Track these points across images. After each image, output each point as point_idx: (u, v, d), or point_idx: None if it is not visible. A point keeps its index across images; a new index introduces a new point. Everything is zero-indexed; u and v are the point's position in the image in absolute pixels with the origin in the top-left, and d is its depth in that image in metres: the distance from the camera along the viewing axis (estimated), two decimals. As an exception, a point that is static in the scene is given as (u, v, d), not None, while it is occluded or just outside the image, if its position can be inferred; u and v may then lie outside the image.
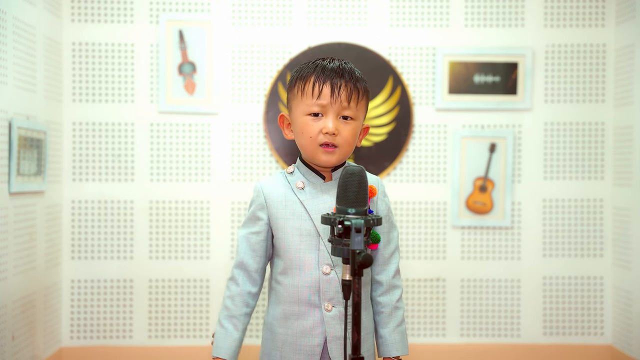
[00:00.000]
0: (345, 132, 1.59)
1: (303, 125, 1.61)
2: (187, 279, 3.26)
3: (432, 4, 3.31)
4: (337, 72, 1.59)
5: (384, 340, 1.66)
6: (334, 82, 1.58)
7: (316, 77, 1.59)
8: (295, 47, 3.29)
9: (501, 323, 3.33)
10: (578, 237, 3.34)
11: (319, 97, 1.58)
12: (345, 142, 1.60)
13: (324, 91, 1.58)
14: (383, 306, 1.66)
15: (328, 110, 1.58)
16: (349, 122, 1.60)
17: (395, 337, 1.65)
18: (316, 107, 1.58)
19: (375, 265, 1.68)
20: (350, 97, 1.58)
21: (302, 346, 1.60)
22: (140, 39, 3.25)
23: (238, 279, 1.66)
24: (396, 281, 1.68)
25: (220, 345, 1.63)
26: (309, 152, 1.62)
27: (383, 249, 1.67)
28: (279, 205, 1.64)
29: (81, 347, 3.22)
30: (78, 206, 3.24)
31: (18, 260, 2.76)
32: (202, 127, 3.27)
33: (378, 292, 1.68)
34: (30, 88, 2.86)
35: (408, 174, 3.32)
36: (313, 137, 1.59)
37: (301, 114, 1.61)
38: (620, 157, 3.26)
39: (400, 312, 1.68)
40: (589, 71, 3.33)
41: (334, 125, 1.57)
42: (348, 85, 1.58)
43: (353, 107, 1.60)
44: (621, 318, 3.24)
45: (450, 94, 3.30)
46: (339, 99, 1.57)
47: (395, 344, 1.65)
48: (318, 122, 1.59)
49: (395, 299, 1.67)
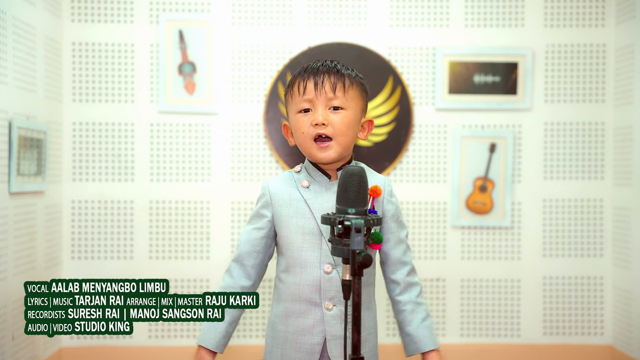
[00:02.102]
0: (337, 121, 1.59)
1: (295, 123, 1.63)
2: (187, 279, 3.26)
3: (432, 4, 3.31)
4: (319, 68, 1.63)
5: (411, 337, 1.64)
6: (317, 76, 1.61)
7: (300, 77, 1.63)
8: (295, 47, 3.29)
9: (501, 323, 3.34)
10: (578, 237, 3.34)
11: (305, 93, 1.61)
12: (339, 132, 1.60)
13: (308, 86, 1.61)
14: (403, 304, 1.66)
15: (315, 103, 1.60)
16: (340, 112, 1.61)
17: (422, 332, 1.64)
18: (304, 102, 1.61)
19: (388, 265, 1.69)
20: (335, 87, 1.60)
21: (302, 344, 1.61)
22: (140, 39, 3.25)
23: (233, 271, 1.68)
24: (412, 279, 1.69)
25: (206, 335, 1.64)
26: (306, 150, 1.63)
27: (395, 249, 1.68)
28: (284, 203, 1.64)
29: (81, 347, 3.22)
30: (78, 206, 3.24)
31: (18, 260, 2.75)
32: (202, 127, 3.27)
33: (396, 291, 1.68)
34: (30, 88, 2.86)
35: (408, 174, 3.32)
36: (305, 131, 1.61)
37: (293, 113, 1.64)
38: (620, 157, 3.26)
39: (423, 307, 1.67)
40: (589, 71, 3.33)
41: (323, 115, 1.59)
42: (331, 76, 1.61)
43: (340, 96, 1.61)
44: (621, 318, 3.24)
45: (450, 94, 3.30)
46: (323, 90, 1.60)
47: (424, 338, 1.63)
48: (308, 116, 1.61)
49: (415, 294, 1.67)
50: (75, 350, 3.22)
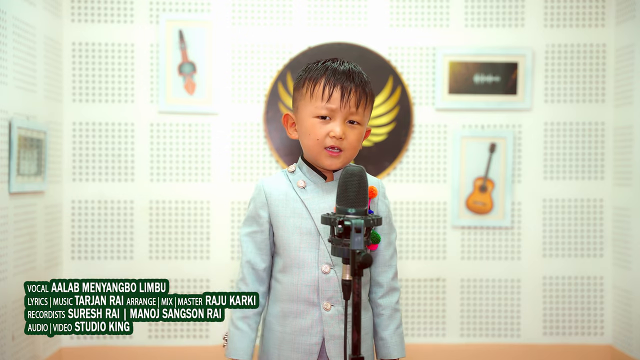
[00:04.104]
0: (352, 137, 1.59)
1: (310, 127, 1.60)
2: (187, 279, 3.26)
3: (432, 4, 3.32)
4: (347, 76, 1.58)
5: (385, 342, 1.66)
6: (345, 86, 1.57)
7: (327, 80, 1.58)
8: (295, 47, 3.29)
9: (501, 323, 3.33)
10: (578, 237, 3.34)
11: (329, 101, 1.57)
12: (350, 146, 1.60)
13: (334, 95, 1.57)
14: (383, 308, 1.67)
15: (336, 114, 1.58)
16: (356, 127, 1.60)
17: (395, 339, 1.66)
18: (325, 110, 1.58)
19: (375, 267, 1.68)
20: (359, 103, 1.59)
21: (300, 345, 1.60)
22: (140, 39, 3.25)
23: (247, 278, 1.65)
24: (395, 283, 1.69)
25: (238, 346, 1.62)
26: (313, 154, 1.62)
27: (384, 251, 1.67)
28: (280, 203, 1.64)
29: (81, 347, 3.22)
30: (78, 206, 3.24)
31: (18, 260, 2.76)
32: (202, 127, 3.27)
33: (378, 294, 1.68)
34: (30, 88, 2.86)
35: (408, 174, 3.32)
36: (320, 139, 1.59)
37: (309, 115, 1.61)
38: (620, 157, 3.26)
39: (399, 314, 1.69)
40: (589, 71, 3.33)
41: (342, 130, 1.57)
42: (358, 90, 1.58)
43: (361, 112, 1.60)
44: (621, 318, 3.24)
45: (450, 94, 3.30)
46: (349, 104, 1.57)
47: (395, 346, 1.66)
48: (326, 125, 1.59)
49: (395, 300, 1.68)
50: (75, 350, 3.22)
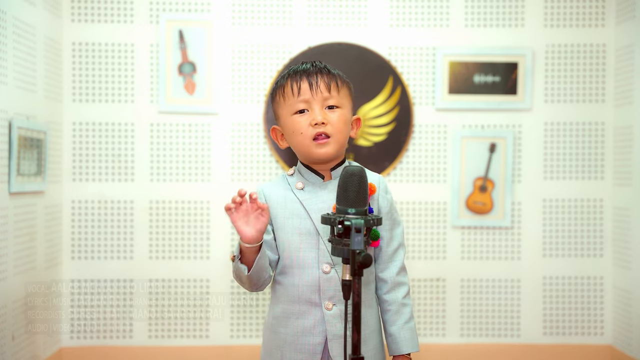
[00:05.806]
0: (335, 120, 1.62)
1: (292, 125, 1.63)
2: (187, 279, 3.26)
3: (432, 4, 3.31)
4: (310, 69, 1.64)
5: (394, 338, 1.66)
6: (310, 75, 1.63)
7: (292, 79, 1.64)
8: (295, 47, 3.29)
9: (501, 323, 3.33)
10: (578, 237, 3.34)
11: (300, 94, 1.62)
12: (336, 130, 1.62)
13: (302, 87, 1.62)
14: (389, 304, 1.67)
15: (312, 103, 1.62)
16: (336, 110, 1.64)
17: (404, 334, 1.65)
18: (300, 103, 1.62)
19: (378, 263, 1.68)
20: (329, 86, 1.63)
21: (303, 345, 1.60)
22: (140, 39, 3.25)
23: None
24: (401, 278, 1.68)
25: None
26: (303, 149, 1.63)
27: (386, 247, 1.67)
28: (279, 205, 1.65)
29: (81, 347, 3.22)
30: (78, 206, 3.24)
31: (18, 260, 2.75)
32: (202, 127, 3.27)
33: (383, 290, 1.68)
34: (30, 88, 2.86)
35: (408, 174, 3.32)
36: (304, 132, 1.61)
37: (288, 115, 1.64)
38: (620, 157, 3.26)
39: (408, 308, 1.67)
40: (589, 71, 3.33)
41: (322, 115, 1.61)
42: (324, 75, 1.64)
43: (335, 95, 1.64)
44: (621, 318, 3.24)
45: (450, 94, 3.30)
46: (319, 90, 1.62)
47: (405, 341, 1.65)
48: (305, 116, 1.62)
49: (402, 295, 1.67)
50: (75, 350, 3.21)
